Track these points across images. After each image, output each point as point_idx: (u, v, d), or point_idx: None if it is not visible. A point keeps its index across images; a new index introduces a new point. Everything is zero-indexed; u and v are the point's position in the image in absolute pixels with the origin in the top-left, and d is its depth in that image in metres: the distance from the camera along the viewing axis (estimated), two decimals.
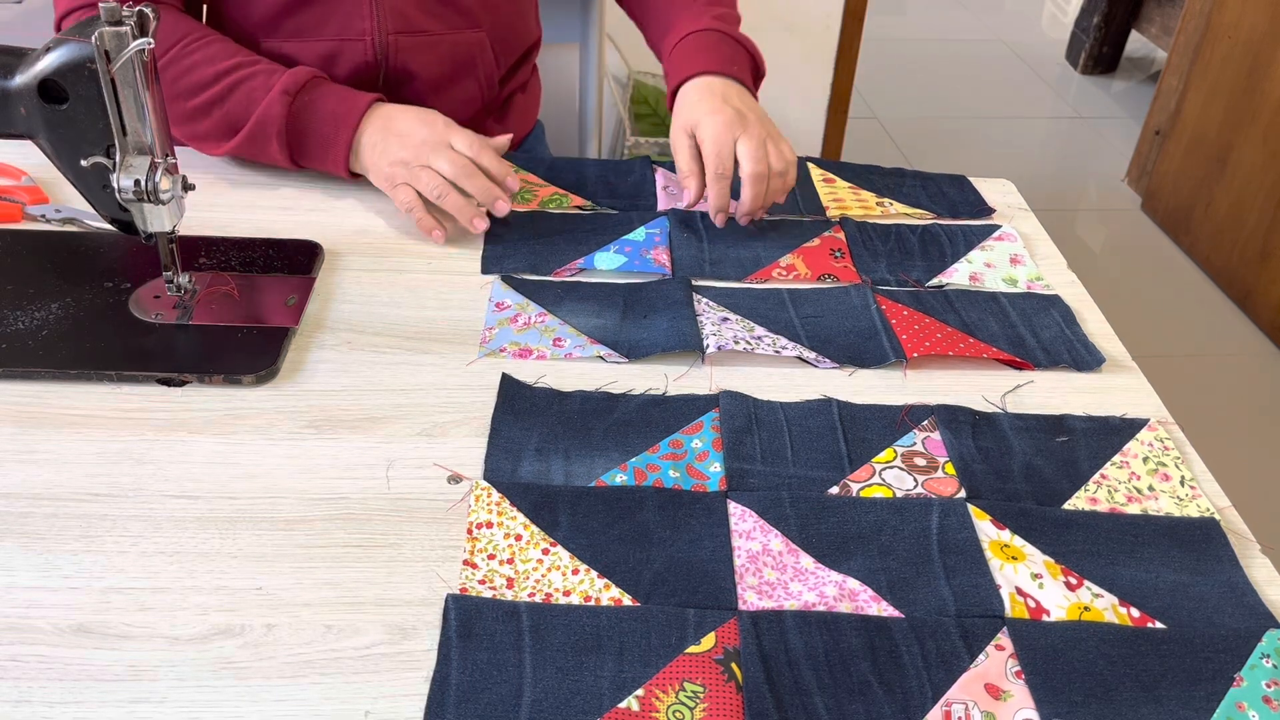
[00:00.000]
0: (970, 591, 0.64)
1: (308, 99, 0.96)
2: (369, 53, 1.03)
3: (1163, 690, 0.59)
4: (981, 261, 0.96)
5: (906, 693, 0.58)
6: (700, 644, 0.60)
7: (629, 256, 0.94)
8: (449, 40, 1.08)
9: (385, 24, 1.03)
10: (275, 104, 0.94)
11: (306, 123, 0.96)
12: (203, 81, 0.96)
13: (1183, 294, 2.45)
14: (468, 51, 1.09)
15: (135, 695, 0.56)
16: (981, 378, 0.83)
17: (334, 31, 1.02)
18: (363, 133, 0.96)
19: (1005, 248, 0.98)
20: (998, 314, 0.89)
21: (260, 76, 0.96)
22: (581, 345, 0.83)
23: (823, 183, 1.08)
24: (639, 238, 0.97)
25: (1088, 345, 0.86)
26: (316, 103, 0.96)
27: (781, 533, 0.68)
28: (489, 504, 0.68)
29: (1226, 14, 2.40)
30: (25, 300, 0.83)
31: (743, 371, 0.82)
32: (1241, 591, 0.65)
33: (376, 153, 0.95)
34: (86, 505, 0.67)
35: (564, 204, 1.02)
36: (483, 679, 0.58)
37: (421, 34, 1.05)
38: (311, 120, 0.96)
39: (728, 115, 0.95)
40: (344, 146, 0.96)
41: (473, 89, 1.12)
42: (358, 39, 1.03)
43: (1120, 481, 0.73)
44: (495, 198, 0.94)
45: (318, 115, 0.96)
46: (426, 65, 1.06)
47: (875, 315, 0.88)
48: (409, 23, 1.04)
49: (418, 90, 1.08)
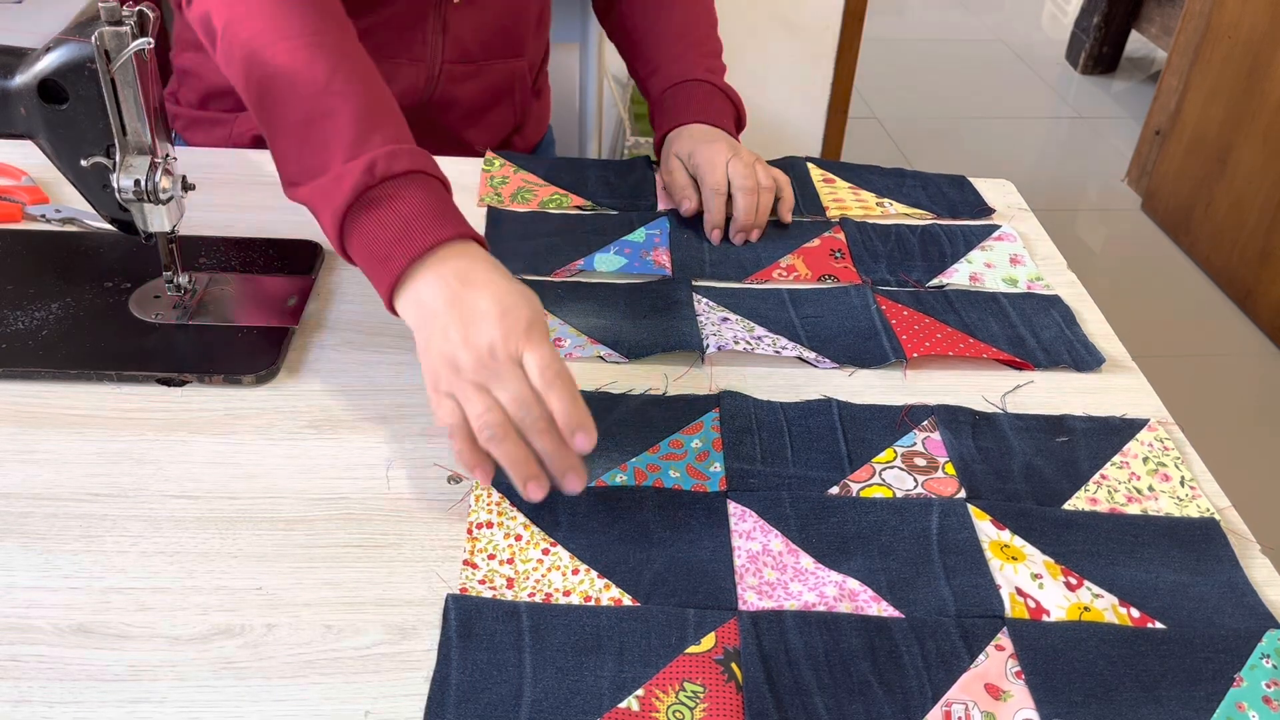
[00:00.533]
0: (970, 592, 0.64)
1: (389, 191, 0.73)
2: (422, 78, 1.03)
3: (1163, 690, 0.59)
4: (981, 262, 0.96)
5: (906, 693, 0.58)
6: (700, 644, 0.60)
7: (629, 258, 0.94)
8: (496, 69, 1.09)
9: (445, 53, 1.03)
10: (348, 177, 0.73)
11: (368, 220, 0.73)
12: (299, 94, 0.76)
13: (1183, 294, 2.45)
14: (509, 79, 1.11)
15: (135, 695, 0.56)
16: (981, 378, 0.83)
17: (393, 53, 1.01)
18: (423, 281, 0.71)
19: (1005, 248, 0.98)
20: (998, 314, 0.89)
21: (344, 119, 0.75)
22: (582, 345, 0.83)
23: (823, 183, 1.08)
24: (639, 239, 0.97)
25: (1088, 346, 0.86)
26: (395, 199, 0.73)
27: (781, 533, 0.68)
28: (489, 504, 0.68)
29: (1226, 14, 2.41)
30: (25, 300, 0.83)
31: (743, 371, 0.82)
32: (1241, 592, 0.65)
33: (432, 330, 0.70)
34: (86, 505, 0.67)
35: (564, 204, 1.02)
36: (483, 679, 0.58)
37: (473, 63, 1.06)
38: (375, 222, 0.73)
39: (720, 144, 0.98)
40: (391, 280, 0.72)
41: (508, 114, 1.14)
42: (413, 62, 1.02)
43: (1120, 482, 0.73)
44: (567, 469, 0.66)
45: (385, 219, 0.73)
46: (470, 93, 1.08)
47: (875, 315, 0.88)
48: (465, 53, 1.05)
49: (458, 116, 1.09)
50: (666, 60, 1.08)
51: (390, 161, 0.73)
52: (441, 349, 0.69)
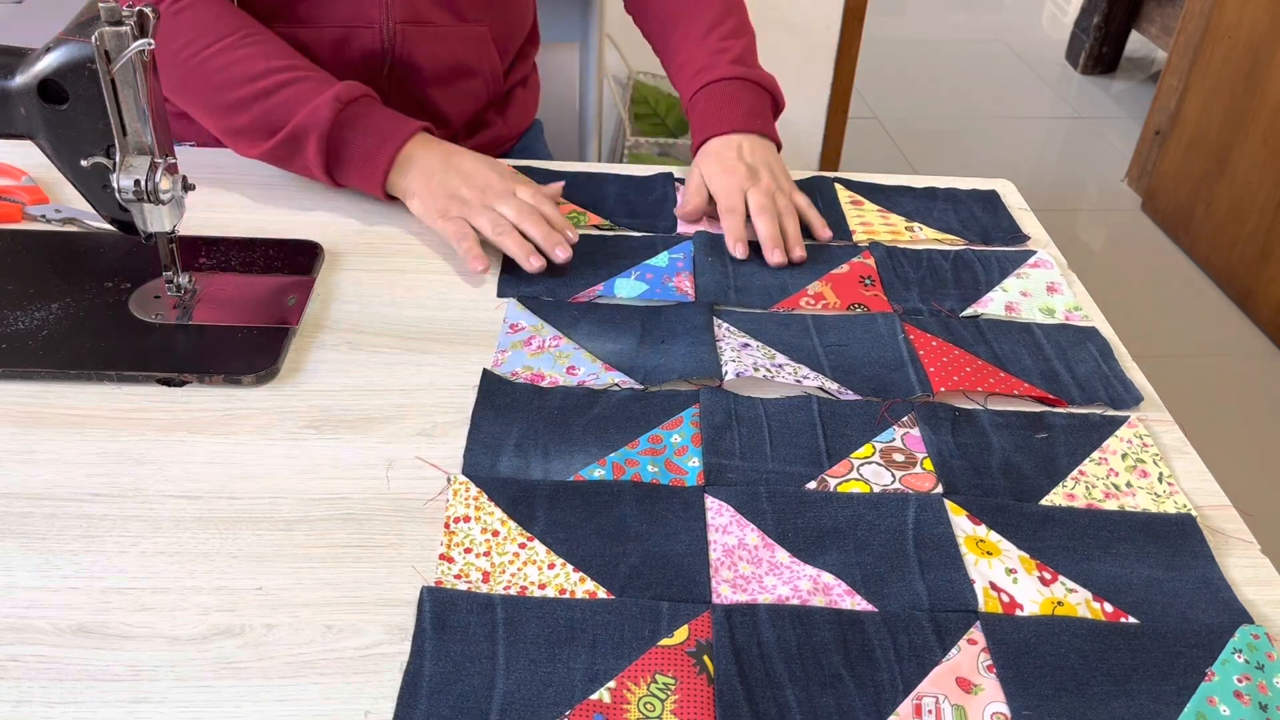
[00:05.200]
0: (944, 586, 0.64)
1: (358, 110, 0.94)
2: (377, 40, 1.04)
3: (1134, 684, 0.59)
4: (1018, 290, 0.92)
5: (878, 686, 0.58)
6: (673, 637, 0.60)
7: (650, 284, 0.90)
8: (455, 34, 1.09)
9: (394, 13, 1.04)
10: (324, 108, 0.92)
11: (351, 134, 0.94)
12: (254, 74, 0.94)
13: (1183, 294, 2.45)
14: (472, 46, 1.10)
15: (135, 695, 0.56)
16: None
17: (344, 18, 1.03)
18: (414, 156, 0.94)
19: (1041, 275, 0.94)
20: (1031, 346, 0.86)
21: (313, 81, 0.95)
22: (596, 374, 0.80)
23: (850, 205, 1.04)
24: (661, 263, 0.93)
25: (1125, 382, 0.82)
26: (366, 116, 0.94)
27: (758, 527, 0.68)
28: (466, 498, 0.69)
29: (1226, 14, 2.41)
30: (25, 300, 0.83)
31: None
32: (1216, 587, 0.66)
33: (435, 182, 0.93)
34: (86, 505, 0.67)
35: (581, 222, 0.99)
36: (455, 671, 0.58)
37: (428, 25, 1.06)
38: (357, 132, 0.94)
39: (740, 172, 0.98)
40: (386, 162, 0.93)
41: (477, 85, 1.13)
42: (367, 26, 1.03)
43: (1098, 478, 0.73)
44: (556, 243, 0.90)
45: (365, 127, 0.94)
46: (432, 58, 1.07)
47: (903, 345, 0.84)
48: (417, 13, 1.05)
49: (424, 82, 1.08)
50: (692, 46, 1.08)
51: (349, 89, 0.94)
52: (444, 189, 0.92)
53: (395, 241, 0.95)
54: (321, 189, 1.01)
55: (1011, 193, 1.09)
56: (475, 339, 0.84)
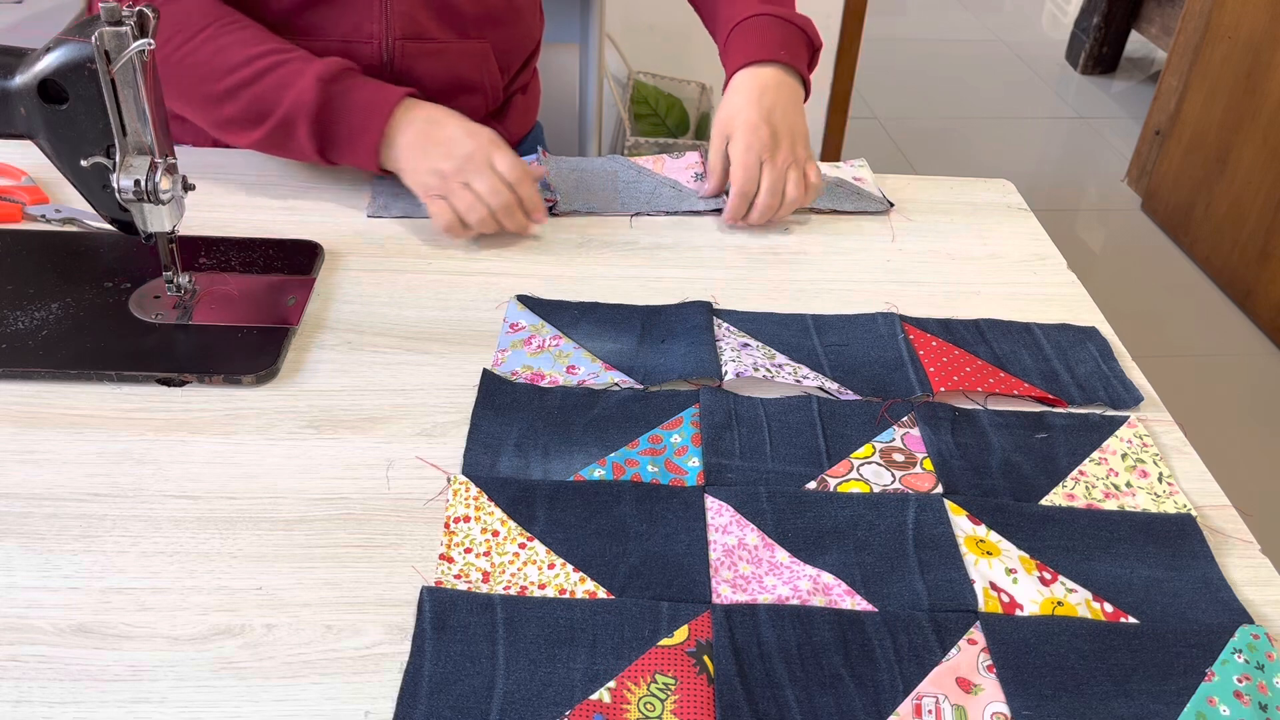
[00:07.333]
0: (944, 586, 0.64)
1: (342, 87, 0.94)
2: (376, 56, 1.03)
3: (1134, 684, 0.59)
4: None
5: (878, 686, 0.59)
6: (673, 637, 0.60)
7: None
8: (455, 50, 1.08)
9: (394, 28, 1.03)
10: (309, 90, 0.92)
11: (338, 112, 0.94)
12: (235, 63, 0.94)
13: (1183, 294, 2.45)
14: (473, 62, 1.10)
15: (135, 695, 0.56)
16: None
17: (344, 32, 1.02)
18: (399, 128, 0.94)
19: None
20: (1031, 346, 0.86)
21: (295, 63, 0.94)
22: (596, 373, 0.80)
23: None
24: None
25: (1125, 382, 0.82)
26: (350, 92, 0.94)
27: (758, 527, 0.68)
28: (466, 498, 0.69)
29: (1226, 14, 2.40)
30: (25, 300, 0.83)
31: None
32: (1216, 587, 0.66)
33: (416, 156, 0.94)
34: (86, 505, 0.67)
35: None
36: (455, 671, 0.58)
37: (429, 41, 1.06)
38: (343, 110, 0.94)
39: (762, 136, 0.98)
40: (376, 136, 0.94)
41: (477, 100, 1.13)
42: (366, 41, 1.03)
43: (1098, 478, 0.74)
44: (525, 230, 0.97)
45: (350, 105, 0.94)
46: (432, 73, 1.07)
47: (902, 345, 0.84)
48: (417, 29, 1.04)
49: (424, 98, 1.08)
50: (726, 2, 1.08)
51: (329, 67, 0.94)
52: (429, 164, 0.94)
53: (395, 241, 0.95)
54: (320, 189, 1.01)
55: (1011, 192, 1.09)
56: (475, 339, 0.84)
